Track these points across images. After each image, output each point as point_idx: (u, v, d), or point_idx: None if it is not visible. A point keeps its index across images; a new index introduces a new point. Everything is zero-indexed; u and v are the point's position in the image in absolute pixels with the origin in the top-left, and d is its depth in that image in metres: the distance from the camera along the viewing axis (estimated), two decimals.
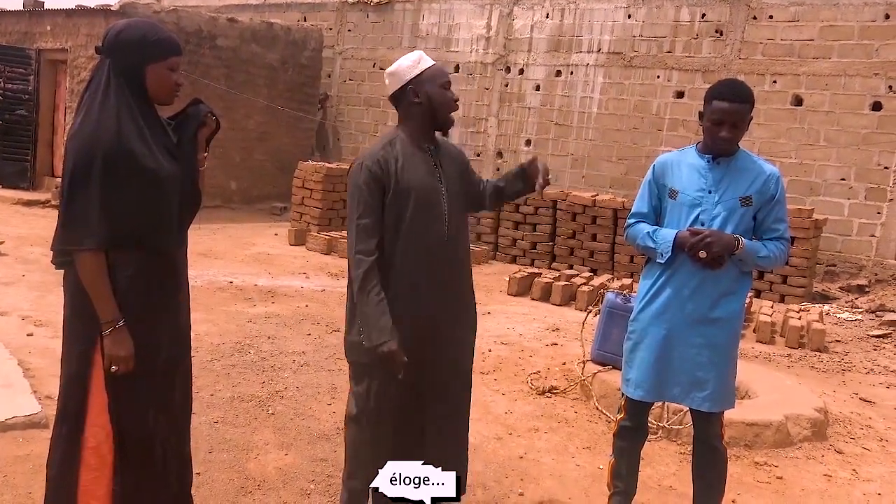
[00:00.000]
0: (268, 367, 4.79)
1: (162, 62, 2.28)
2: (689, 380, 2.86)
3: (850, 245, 9.75)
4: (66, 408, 2.35)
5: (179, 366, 2.47)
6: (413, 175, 2.59)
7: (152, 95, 2.31)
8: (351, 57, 14.46)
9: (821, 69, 9.84)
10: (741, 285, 2.88)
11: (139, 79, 2.27)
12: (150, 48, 2.27)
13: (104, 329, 2.22)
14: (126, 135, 2.21)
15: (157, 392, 2.37)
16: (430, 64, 2.66)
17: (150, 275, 2.31)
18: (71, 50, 11.60)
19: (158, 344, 2.36)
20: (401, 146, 2.63)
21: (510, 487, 3.44)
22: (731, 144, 2.80)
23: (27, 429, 3.47)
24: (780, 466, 3.88)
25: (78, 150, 2.18)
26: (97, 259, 2.20)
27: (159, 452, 2.41)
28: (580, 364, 4.79)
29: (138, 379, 2.30)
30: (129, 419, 2.31)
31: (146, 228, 2.27)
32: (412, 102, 2.63)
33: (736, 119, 2.74)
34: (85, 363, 2.29)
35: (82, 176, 2.16)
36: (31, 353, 4.57)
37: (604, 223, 9.59)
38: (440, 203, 2.66)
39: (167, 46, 2.30)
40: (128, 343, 2.24)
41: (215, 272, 7.57)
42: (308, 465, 3.45)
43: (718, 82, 2.87)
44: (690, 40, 10.79)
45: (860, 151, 9.61)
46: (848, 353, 6.83)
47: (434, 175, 2.67)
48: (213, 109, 2.47)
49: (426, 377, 2.65)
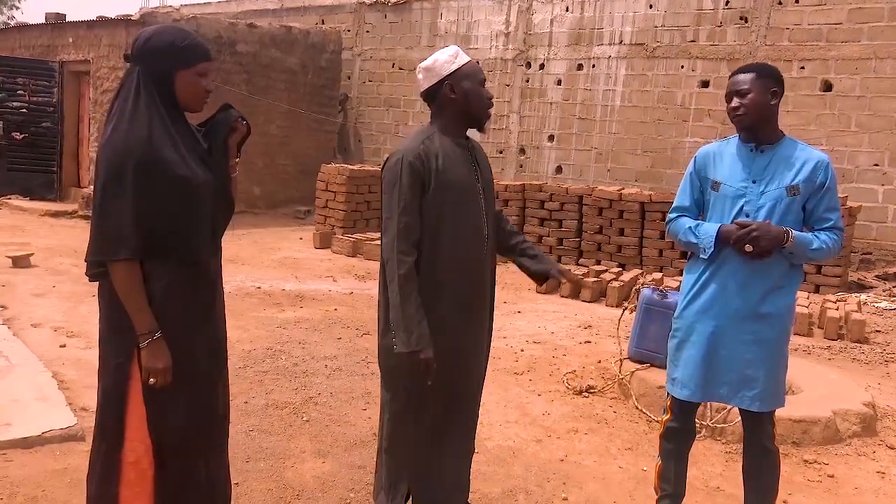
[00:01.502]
0: (300, 372, 4.75)
1: (192, 68, 2.24)
2: (737, 378, 2.76)
3: (885, 232, 9.53)
4: (104, 422, 2.31)
5: (218, 376, 2.43)
6: (453, 171, 2.53)
7: (182, 102, 2.27)
8: (370, 58, 14.44)
9: (850, 53, 9.62)
10: (792, 279, 2.77)
11: (169, 85, 2.23)
12: (179, 54, 2.23)
13: (141, 341, 2.18)
14: (158, 143, 2.16)
15: (196, 404, 2.33)
16: (466, 60, 2.59)
17: (185, 285, 2.26)
18: (93, 61, 11.70)
19: (197, 355, 2.31)
20: (439, 141, 2.55)
21: (553, 492, 3.36)
22: (743, 116, 2.71)
23: (64, 442, 3.46)
24: (830, 464, 3.75)
25: (110, 160, 2.14)
26: (132, 269, 2.16)
27: (200, 466, 2.36)
28: (617, 362, 4.69)
29: (177, 391, 2.25)
30: (168, 433, 2.26)
31: (180, 237, 2.23)
32: (448, 98, 2.56)
33: (740, 88, 2.69)
34: (122, 376, 2.25)
35: (115, 185, 2.12)
36: (65, 365, 4.56)
37: (631, 217, 9.44)
38: (478, 200, 2.61)
39: (197, 52, 2.26)
40: (165, 355, 2.19)
41: (243, 278, 7.57)
42: (346, 473, 3.40)
43: None
44: (714, 28, 10.61)
45: (893, 136, 9.38)
46: (890, 343, 6.65)
47: (473, 172, 2.61)
48: (242, 114, 2.41)
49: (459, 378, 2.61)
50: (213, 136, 2.37)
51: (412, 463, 2.62)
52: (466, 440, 2.75)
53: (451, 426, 2.64)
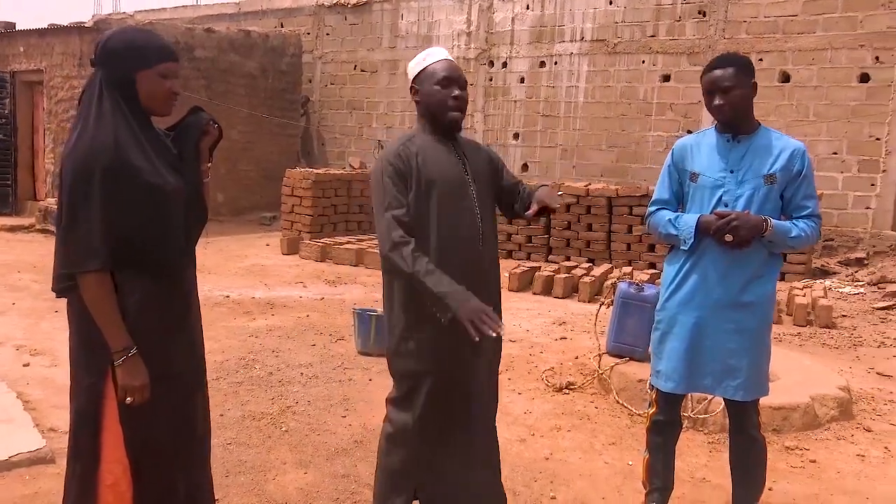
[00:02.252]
0: (275, 381, 4.65)
1: (153, 69, 2.12)
2: (721, 368, 2.76)
3: (846, 218, 9.72)
4: (78, 445, 2.20)
5: (197, 389, 2.34)
6: (435, 167, 2.47)
7: (145, 105, 2.15)
8: (331, 60, 14.31)
9: (806, 44, 9.80)
10: (771, 267, 2.78)
11: (131, 88, 2.12)
12: (138, 54, 2.11)
13: (116, 358, 2.08)
14: (124, 148, 2.06)
15: (175, 420, 2.24)
16: (433, 60, 2.51)
17: (160, 297, 2.17)
18: (46, 70, 11.39)
19: (174, 370, 2.22)
20: (420, 141, 2.52)
21: (541, 491, 3.32)
22: (728, 111, 2.68)
23: (33, 465, 3.31)
24: (811, 450, 3.79)
25: (75, 168, 2.03)
26: (103, 282, 2.06)
27: (179, 484, 2.27)
28: (596, 357, 4.68)
29: (155, 408, 2.16)
30: (146, 451, 2.17)
31: (152, 247, 2.14)
32: (415, 100, 2.58)
33: (723, 83, 2.66)
34: (96, 396, 2.15)
35: (81, 194, 2.01)
36: (30, 384, 4.40)
37: (598, 212, 9.50)
38: (468, 196, 2.52)
39: (158, 51, 2.14)
40: (142, 371, 2.10)
41: (210, 287, 7.41)
42: (330, 483, 3.32)
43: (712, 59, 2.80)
44: (674, 23, 10.72)
45: (850, 124, 9.58)
46: (856, 327, 6.78)
47: (459, 167, 2.53)
48: (213, 117, 2.32)
49: (465, 384, 2.53)
50: (183, 141, 2.27)
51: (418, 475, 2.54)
52: (480, 450, 2.60)
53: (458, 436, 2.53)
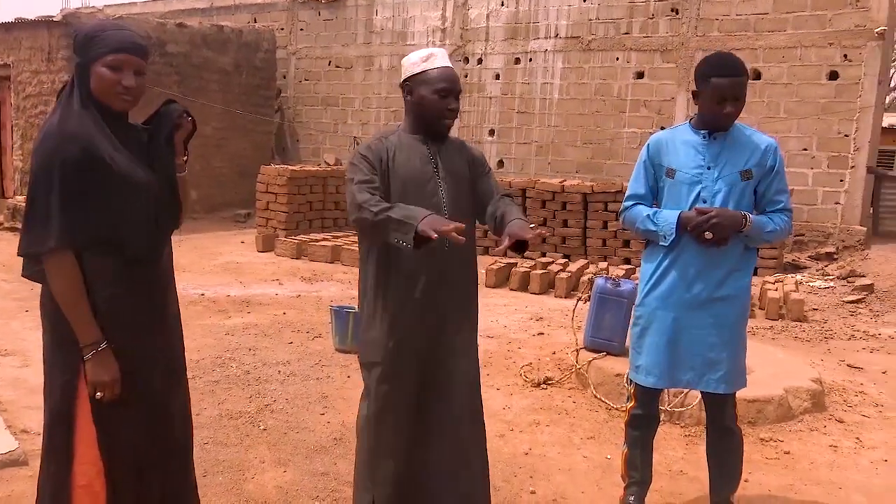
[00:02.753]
0: (253, 380, 4.61)
1: (101, 60, 2.06)
2: (702, 362, 2.79)
3: (816, 214, 9.89)
4: (52, 444, 2.17)
5: (176, 389, 2.31)
6: (403, 165, 2.48)
7: (96, 97, 2.09)
8: (305, 56, 14.21)
9: (777, 42, 9.93)
10: (748, 261, 2.82)
11: (87, 79, 2.09)
12: (91, 46, 2.07)
13: (85, 353, 2.05)
14: (91, 139, 2.04)
15: (151, 421, 2.21)
16: (437, 66, 2.49)
17: (133, 291, 2.14)
18: (14, 65, 11.17)
19: (148, 367, 2.19)
20: (396, 138, 2.54)
21: (520, 486, 3.34)
22: (734, 119, 2.73)
23: (5, 468, 3.25)
24: (785, 441, 3.85)
25: (40, 153, 2.04)
26: (65, 264, 2.03)
27: (155, 487, 2.24)
28: (574, 352, 4.71)
29: (131, 407, 2.13)
30: (121, 453, 2.14)
31: (122, 239, 2.11)
32: (406, 99, 2.57)
33: (737, 93, 2.68)
34: (69, 395, 2.11)
35: (44, 178, 2.01)
36: (1, 386, 4.32)
37: (573, 208, 9.56)
38: (435, 196, 2.52)
39: (107, 42, 2.07)
40: (112, 366, 2.07)
41: (184, 285, 7.32)
42: (309, 481, 3.30)
43: (709, 58, 2.77)
44: (647, 20, 10.80)
45: (820, 121, 9.74)
46: (827, 320, 6.90)
47: (429, 168, 2.53)
48: (187, 109, 2.30)
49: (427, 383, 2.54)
50: (155, 133, 2.25)
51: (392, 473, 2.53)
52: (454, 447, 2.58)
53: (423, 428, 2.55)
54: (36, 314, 2.24)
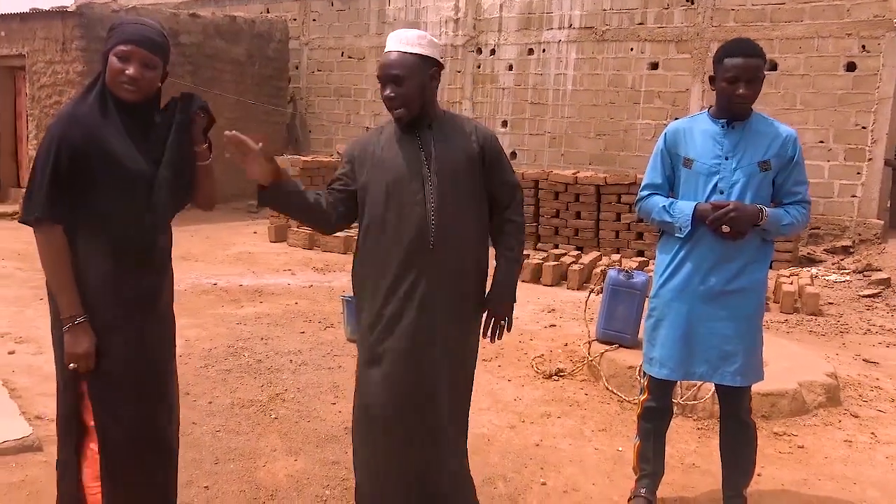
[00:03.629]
0: (264, 369, 4.62)
1: (113, 50, 2.18)
2: (717, 355, 2.76)
3: (832, 207, 9.78)
4: (63, 416, 2.29)
5: (167, 368, 2.37)
6: (390, 159, 2.42)
7: (108, 87, 2.20)
8: (318, 47, 14.19)
9: (794, 32, 9.81)
10: (764, 254, 2.78)
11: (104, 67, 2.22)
12: (110, 37, 2.20)
13: (64, 325, 2.15)
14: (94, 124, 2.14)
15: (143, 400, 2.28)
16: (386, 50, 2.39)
17: (124, 271, 2.20)
18: (29, 55, 11.20)
19: (142, 346, 2.26)
20: (388, 132, 2.49)
21: (531, 477, 3.33)
22: (749, 102, 2.67)
23: (20, 453, 3.27)
24: (799, 435, 3.81)
25: (48, 131, 2.16)
26: (50, 236, 2.13)
27: (148, 463, 2.31)
28: (586, 344, 4.69)
29: (124, 385, 2.22)
30: (114, 429, 2.22)
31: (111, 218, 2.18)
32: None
33: (751, 75, 2.62)
34: (73, 373, 2.20)
35: (44, 154, 2.14)
36: (15, 373, 4.35)
37: (587, 200, 9.50)
38: (420, 193, 2.38)
39: (120, 34, 2.19)
40: (87, 341, 2.15)
41: (197, 275, 7.35)
42: (320, 470, 3.31)
43: (726, 42, 2.75)
44: (662, 11, 10.70)
45: (837, 113, 9.62)
46: (843, 314, 6.83)
47: (416, 164, 2.40)
48: (205, 103, 2.32)
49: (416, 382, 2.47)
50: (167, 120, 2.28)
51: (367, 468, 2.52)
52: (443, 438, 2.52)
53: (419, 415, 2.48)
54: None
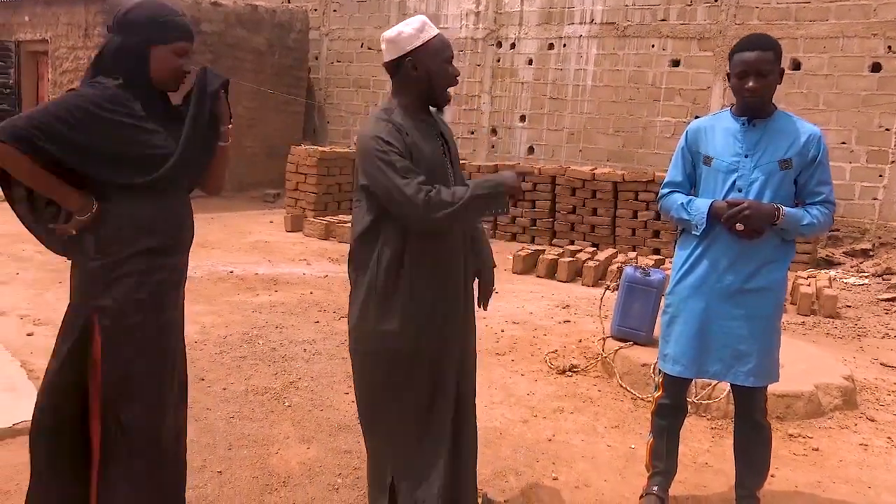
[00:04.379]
0: (279, 357, 4.65)
1: (168, 45, 2.21)
2: (731, 354, 2.74)
3: (852, 209, 9.67)
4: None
5: (178, 356, 2.39)
6: (421, 149, 2.39)
7: (154, 79, 2.23)
8: (338, 38, 14.19)
9: (818, 31, 9.69)
10: (784, 253, 2.76)
11: (143, 60, 2.20)
12: (156, 29, 2.20)
13: (83, 213, 2.15)
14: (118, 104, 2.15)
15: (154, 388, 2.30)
16: (433, 34, 2.38)
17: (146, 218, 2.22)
18: (51, 40, 11.31)
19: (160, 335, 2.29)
20: (401, 119, 2.38)
21: (543, 472, 3.33)
22: (760, 97, 2.64)
23: None
24: (814, 438, 3.78)
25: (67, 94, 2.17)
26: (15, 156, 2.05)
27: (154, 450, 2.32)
28: (600, 341, 4.67)
29: (137, 377, 2.24)
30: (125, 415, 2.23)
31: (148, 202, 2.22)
32: (411, 76, 2.38)
33: (760, 68, 2.59)
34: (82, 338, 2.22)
35: (57, 99, 2.14)
36: (34, 354, 4.40)
37: (604, 197, 9.46)
38: (447, 178, 2.47)
39: (176, 29, 2.23)
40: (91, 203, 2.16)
41: (214, 262, 7.40)
42: (332, 458, 3.32)
43: (741, 38, 2.73)
44: (685, 7, 10.61)
45: (860, 114, 9.50)
46: (861, 318, 6.76)
47: (440, 148, 2.49)
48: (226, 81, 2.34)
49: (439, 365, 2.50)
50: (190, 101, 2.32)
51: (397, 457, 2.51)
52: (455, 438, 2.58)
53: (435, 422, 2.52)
54: (69, 286, 2.29)
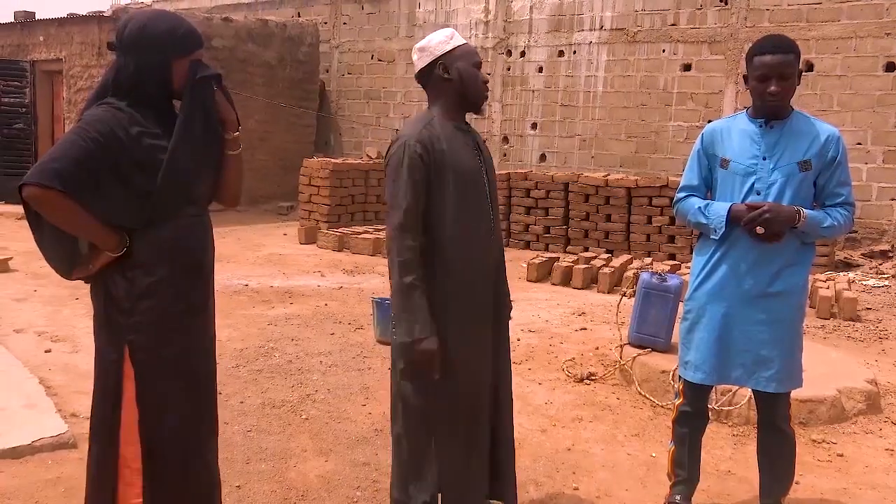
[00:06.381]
0: (295, 370, 4.64)
1: (189, 55, 2.18)
2: (752, 359, 2.70)
3: (869, 210, 9.57)
4: (98, 422, 2.24)
5: (211, 374, 2.36)
6: (457, 156, 2.43)
7: (178, 91, 2.20)
8: (348, 50, 14.26)
9: (831, 32, 9.63)
10: (804, 256, 2.71)
11: (167, 74, 2.17)
12: (178, 42, 2.17)
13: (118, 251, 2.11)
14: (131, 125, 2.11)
15: (190, 406, 2.26)
16: (462, 42, 2.53)
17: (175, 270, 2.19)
18: (66, 59, 11.44)
19: (191, 351, 2.25)
20: (440, 126, 2.45)
21: (563, 482, 3.29)
22: (781, 100, 2.61)
23: (56, 450, 3.32)
24: (838, 443, 3.72)
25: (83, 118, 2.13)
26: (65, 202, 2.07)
27: (191, 469, 2.29)
28: (618, 348, 4.63)
29: (172, 392, 2.20)
30: (160, 435, 2.20)
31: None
32: (442, 79, 2.48)
33: (782, 71, 2.55)
34: (116, 374, 2.18)
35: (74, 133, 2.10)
36: (52, 370, 4.42)
37: (617, 203, 9.42)
38: (483, 188, 2.53)
39: (195, 39, 2.21)
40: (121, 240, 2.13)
41: (229, 275, 7.42)
42: (351, 471, 3.30)
43: (758, 40, 2.69)
44: (695, 11, 10.57)
45: (875, 114, 9.42)
46: (881, 320, 6.67)
47: (476, 158, 2.53)
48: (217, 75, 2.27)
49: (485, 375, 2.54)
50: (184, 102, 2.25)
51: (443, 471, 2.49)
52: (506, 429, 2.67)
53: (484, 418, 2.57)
54: (85, 301, 2.27)
